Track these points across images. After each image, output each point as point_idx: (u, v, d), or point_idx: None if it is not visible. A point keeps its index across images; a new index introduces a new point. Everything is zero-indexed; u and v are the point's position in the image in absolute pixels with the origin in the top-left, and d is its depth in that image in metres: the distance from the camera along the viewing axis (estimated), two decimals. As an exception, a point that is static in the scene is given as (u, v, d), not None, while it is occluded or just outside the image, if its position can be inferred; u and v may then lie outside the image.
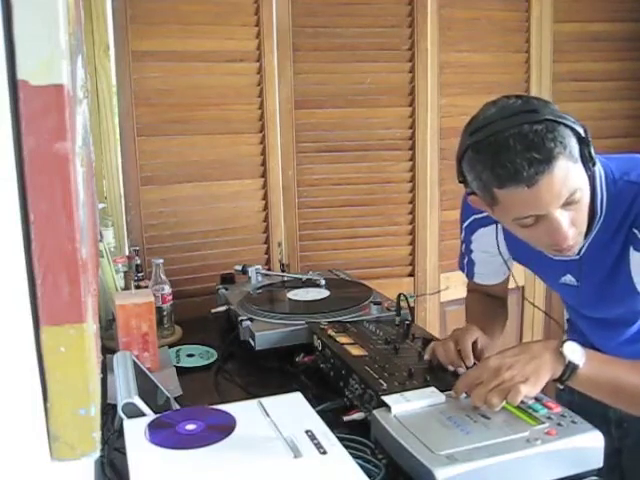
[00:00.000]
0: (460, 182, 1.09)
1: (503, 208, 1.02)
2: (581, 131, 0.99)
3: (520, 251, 1.22)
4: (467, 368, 1.11)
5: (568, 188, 0.97)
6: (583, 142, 0.99)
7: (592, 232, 1.10)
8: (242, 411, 0.95)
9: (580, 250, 1.13)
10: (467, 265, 1.40)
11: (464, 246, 1.38)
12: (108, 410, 1.12)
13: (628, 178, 1.07)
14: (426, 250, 2.28)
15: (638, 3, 2.38)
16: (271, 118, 2.06)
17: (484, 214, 1.18)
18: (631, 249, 1.06)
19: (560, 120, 0.96)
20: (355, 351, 1.22)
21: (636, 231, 1.04)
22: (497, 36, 2.28)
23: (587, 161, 1.00)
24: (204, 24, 1.94)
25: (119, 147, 1.93)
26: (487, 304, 1.41)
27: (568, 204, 0.99)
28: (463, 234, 1.36)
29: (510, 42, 2.30)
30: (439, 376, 1.10)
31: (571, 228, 1.01)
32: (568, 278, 1.20)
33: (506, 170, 0.95)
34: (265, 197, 2.10)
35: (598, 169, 1.07)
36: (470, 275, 1.41)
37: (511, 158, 0.94)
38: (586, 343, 1.24)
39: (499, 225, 1.23)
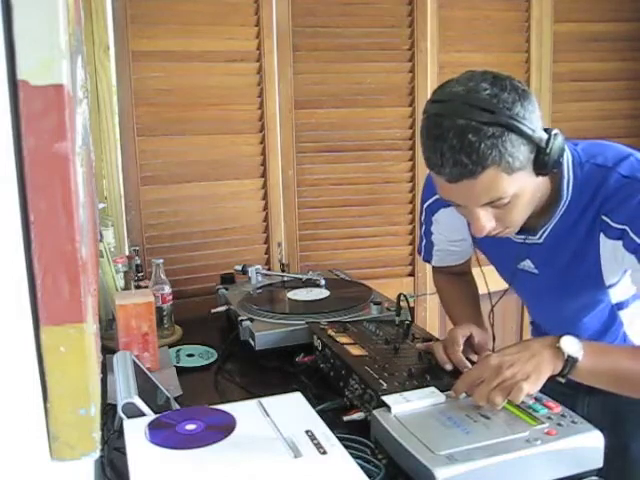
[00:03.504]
0: None
1: (434, 182, 1.03)
2: (542, 140, 0.96)
3: None
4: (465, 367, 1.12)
5: (489, 196, 0.97)
6: (541, 150, 0.97)
7: (556, 216, 1.10)
8: (242, 411, 0.95)
9: (542, 234, 1.13)
10: (425, 247, 1.40)
11: (424, 228, 1.36)
12: (108, 410, 1.12)
13: (595, 161, 1.07)
14: (426, 250, 2.27)
15: (638, 3, 2.38)
16: (271, 118, 2.06)
17: None
18: (602, 236, 1.05)
19: (515, 127, 0.93)
20: (355, 351, 1.22)
21: (606, 218, 1.03)
22: (497, 36, 2.28)
23: (541, 168, 0.98)
24: (204, 24, 1.95)
25: (119, 147, 1.93)
26: (457, 285, 1.41)
27: (492, 206, 0.99)
28: (424, 215, 1.34)
29: (510, 42, 2.31)
30: (439, 376, 1.10)
31: (491, 222, 1.01)
32: (527, 264, 1.19)
33: (434, 158, 0.95)
34: (265, 197, 2.10)
35: (566, 153, 1.05)
36: (427, 257, 1.41)
37: (443, 150, 0.93)
38: None
39: None
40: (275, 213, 2.12)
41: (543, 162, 0.98)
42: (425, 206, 1.32)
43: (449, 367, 1.13)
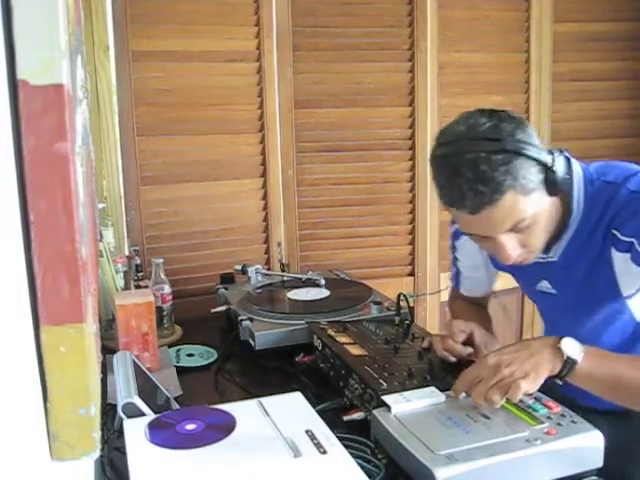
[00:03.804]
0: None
1: (454, 218, 1.07)
2: (547, 161, 1.00)
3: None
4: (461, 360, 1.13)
5: (511, 220, 1.00)
6: (549, 171, 1.00)
7: (568, 232, 1.12)
8: (242, 411, 0.95)
9: (557, 252, 1.15)
10: (455, 275, 1.41)
11: (452, 255, 1.39)
12: (108, 410, 1.12)
13: (605, 178, 1.10)
14: (426, 250, 2.28)
15: (637, 3, 2.38)
16: (271, 118, 2.06)
17: None
18: (613, 250, 1.07)
19: (523, 151, 0.97)
20: (355, 351, 1.22)
21: (616, 232, 1.05)
22: (497, 36, 2.28)
23: (551, 186, 1.02)
24: (204, 24, 1.95)
25: (119, 147, 1.93)
26: (474, 308, 1.41)
27: (514, 231, 1.02)
28: (450, 241, 1.38)
29: (510, 42, 2.31)
30: (439, 376, 1.10)
31: (516, 250, 1.04)
32: (544, 285, 1.21)
33: (453, 194, 0.99)
34: (265, 197, 2.10)
35: (576, 170, 1.09)
36: (457, 285, 1.42)
37: (460, 184, 0.97)
38: None
39: None
40: (275, 213, 2.12)
41: (553, 181, 1.01)
42: (451, 232, 1.35)
43: (452, 359, 1.14)
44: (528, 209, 1.00)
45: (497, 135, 0.97)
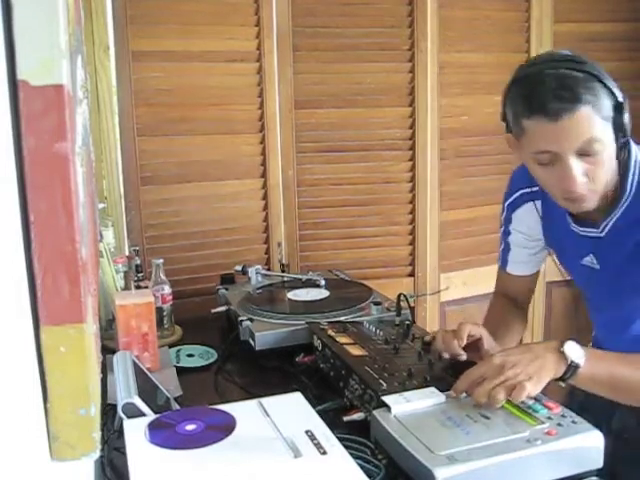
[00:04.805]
0: (502, 120, 1.14)
1: (527, 140, 1.07)
2: (619, 97, 1.04)
3: (552, 229, 1.25)
4: (460, 358, 1.12)
5: (587, 135, 1.01)
6: (618, 108, 1.04)
7: (618, 210, 1.12)
8: (242, 411, 0.95)
9: (605, 228, 1.15)
10: (502, 252, 1.39)
11: (502, 229, 1.38)
12: (108, 410, 1.12)
13: None
14: (426, 250, 2.28)
15: (638, 3, 2.38)
16: (271, 118, 2.06)
17: (532, 188, 1.25)
18: None
19: (602, 80, 1.03)
20: (355, 351, 1.22)
21: None
22: (497, 36, 2.28)
23: (618, 128, 1.04)
24: (204, 24, 1.95)
25: (119, 147, 1.93)
26: (507, 313, 1.39)
27: (585, 155, 1.03)
28: (504, 213, 1.36)
29: (510, 42, 2.31)
30: (439, 376, 1.10)
31: (583, 177, 1.05)
32: (589, 259, 1.21)
33: (536, 101, 1.02)
34: (265, 197, 2.10)
35: (635, 151, 1.11)
36: (504, 264, 1.40)
37: (543, 92, 1.01)
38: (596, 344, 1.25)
39: (539, 201, 1.27)
40: (275, 213, 2.12)
41: (621, 123, 1.04)
42: (507, 204, 1.34)
43: (445, 355, 1.14)
44: (602, 133, 1.02)
45: (581, 59, 1.05)
